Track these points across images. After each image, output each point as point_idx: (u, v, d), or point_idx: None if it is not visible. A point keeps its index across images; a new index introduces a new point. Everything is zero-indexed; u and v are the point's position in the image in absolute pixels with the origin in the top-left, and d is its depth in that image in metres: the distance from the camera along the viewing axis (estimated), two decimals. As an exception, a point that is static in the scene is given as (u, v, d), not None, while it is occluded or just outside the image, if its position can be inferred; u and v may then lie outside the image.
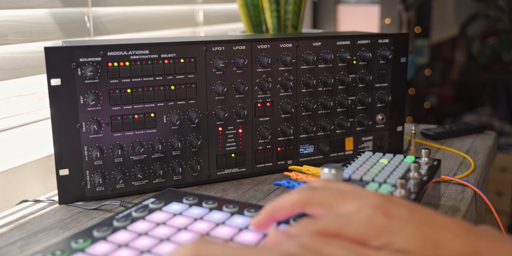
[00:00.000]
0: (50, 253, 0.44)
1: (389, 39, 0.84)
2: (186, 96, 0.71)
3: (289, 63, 0.76)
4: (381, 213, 0.40)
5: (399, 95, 0.87)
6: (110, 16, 0.95)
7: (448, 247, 0.39)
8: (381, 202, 0.42)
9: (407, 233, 0.39)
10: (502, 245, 0.41)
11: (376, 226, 0.39)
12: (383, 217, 0.40)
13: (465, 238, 0.40)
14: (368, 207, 0.40)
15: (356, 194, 0.43)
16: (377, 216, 0.40)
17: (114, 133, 0.68)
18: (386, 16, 1.84)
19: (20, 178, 0.77)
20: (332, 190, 0.43)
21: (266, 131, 0.77)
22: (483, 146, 0.94)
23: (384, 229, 0.39)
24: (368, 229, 0.39)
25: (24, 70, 0.79)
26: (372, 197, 0.42)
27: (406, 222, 0.40)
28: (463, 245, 0.40)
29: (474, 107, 3.36)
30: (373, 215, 0.40)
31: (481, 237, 0.41)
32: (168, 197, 0.56)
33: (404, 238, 0.39)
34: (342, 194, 0.43)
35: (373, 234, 0.39)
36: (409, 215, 0.41)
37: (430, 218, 0.41)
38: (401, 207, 0.41)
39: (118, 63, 0.66)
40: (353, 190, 0.43)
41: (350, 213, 0.40)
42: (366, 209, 0.40)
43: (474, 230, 0.41)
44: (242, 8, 0.96)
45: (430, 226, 0.40)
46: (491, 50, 3.17)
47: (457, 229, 0.41)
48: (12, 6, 0.76)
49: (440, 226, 0.41)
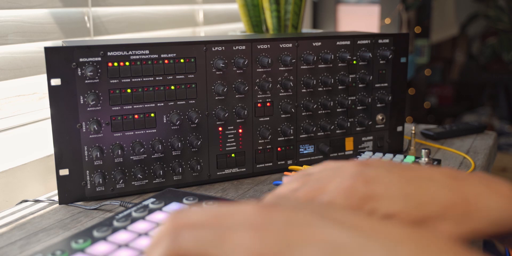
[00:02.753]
0: (50, 253, 0.44)
1: (389, 39, 0.84)
2: (186, 96, 0.71)
3: (289, 63, 0.76)
4: (360, 181, 0.39)
5: (399, 95, 0.87)
6: (110, 16, 0.95)
7: (434, 201, 0.38)
8: (358, 170, 0.41)
9: (390, 195, 0.38)
10: (494, 187, 0.40)
11: (358, 195, 0.39)
12: (363, 184, 0.39)
13: (452, 187, 0.39)
14: (346, 179, 0.40)
15: (336, 170, 0.42)
16: (356, 185, 0.39)
17: (114, 133, 0.68)
18: (386, 16, 1.84)
19: (20, 178, 0.77)
20: (316, 175, 0.43)
21: (266, 131, 0.77)
22: (483, 146, 0.94)
23: (366, 196, 0.39)
24: (352, 200, 0.39)
25: (24, 70, 0.79)
26: (349, 168, 0.41)
27: (386, 184, 0.39)
28: (450, 195, 0.39)
29: (474, 107, 3.36)
30: (352, 186, 0.39)
31: (470, 182, 0.40)
32: (168, 197, 0.56)
33: (388, 202, 0.38)
34: (325, 176, 0.42)
35: (358, 204, 0.38)
36: (389, 176, 0.40)
37: (411, 173, 0.40)
38: (379, 170, 0.41)
39: (118, 63, 0.66)
40: (332, 167, 0.43)
41: (332, 191, 0.40)
42: (345, 182, 0.40)
43: (462, 176, 0.40)
44: (242, 8, 0.96)
45: (412, 183, 0.39)
46: (491, 50, 3.17)
47: (443, 178, 0.40)
48: (12, 6, 0.76)
49: (423, 179, 0.40)
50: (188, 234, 0.31)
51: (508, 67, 3.16)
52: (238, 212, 0.32)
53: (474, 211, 0.38)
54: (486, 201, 0.39)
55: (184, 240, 0.31)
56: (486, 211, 0.38)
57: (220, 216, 0.32)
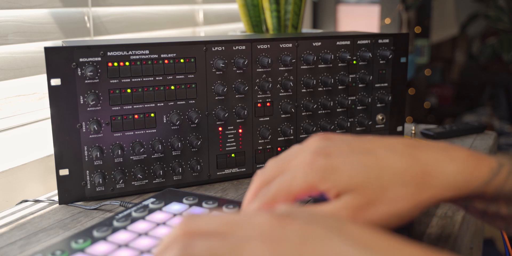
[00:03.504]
0: (50, 253, 0.44)
1: (389, 39, 0.84)
2: (186, 96, 0.71)
3: (289, 63, 0.76)
4: (321, 155, 0.40)
5: (399, 95, 0.87)
6: (110, 16, 0.95)
7: (392, 169, 0.39)
8: (319, 145, 0.41)
9: (349, 167, 0.39)
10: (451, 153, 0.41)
11: (318, 168, 0.39)
12: (323, 158, 0.40)
13: (411, 154, 0.40)
14: (307, 154, 0.41)
15: (300, 148, 0.43)
16: (317, 159, 0.40)
17: (114, 133, 0.68)
18: (386, 16, 1.84)
19: (20, 178, 0.77)
20: (283, 154, 0.44)
21: (266, 131, 0.77)
22: (483, 146, 0.94)
23: (326, 169, 0.39)
24: (313, 174, 0.39)
25: (24, 70, 0.79)
26: (311, 143, 0.42)
27: (346, 156, 0.40)
28: (409, 162, 0.40)
29: (474, 107, 3.36)
30: (313, 160, 0.40)
31: (429, 150, 0.41)
32: (168, 197, 0.56)
33: (348, 174, 0.39)
34: (290, 154, 0.43)
35: (319, 178, 0.39)
36: (349, 148, 0.41)
37: (371, 145, 0.41)
38: (339, 143, 0.41)
39: (118, 63, 0.66)
40: (298, 146, 0.43)
41: (295, 166, 0.41)
42: (306, 157, 0.40)
43: (420, 145, 0.41)
44: (242, 8, 0.96)
45: (372, 153, 0.40)
46: (491, 50, 3.17)
47: (402, 147, 0.41)
48: (12, 6, 0.76)
49: (383, 149, 0.41)
50: (201, 243, 0.30)
51: (508, 67, 3.16)
52: (252, 223, 0.31)
53: (432, 176, 0.40)
54: (443, 165, 0.40)
55: (197, 248, 0.30)
56: (444, 176, 0.40)
57: (233, 225, 0.31)
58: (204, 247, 0.30)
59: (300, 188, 0.39)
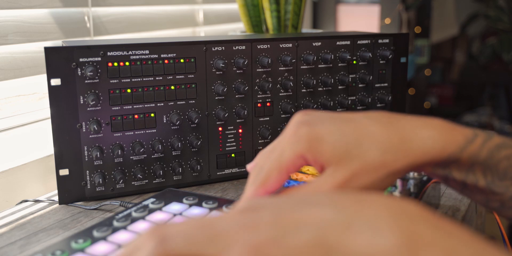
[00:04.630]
0: (50, 253, 0.44)
1: (389, 39, 0.84)
2: (186, 96, 0.71)
3: (289, 63, 0.76)
4: (304, 124, 0.42)
5: (399, 95, 0.87)
6: (110, 16, 0.95)
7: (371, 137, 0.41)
8: (300, 118, 0.43)
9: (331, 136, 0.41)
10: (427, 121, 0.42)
11: (303, 136, 0.41)
12: (306, 126, 0.42)
13: (388, 123, 0.42)
14: (291, 127, 0.43)
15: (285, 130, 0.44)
16: (300, 128, 0.42)
17: (114, 133, 0.68)
18: (386, 16, 1.84)
19: (20, 178, 0.77)
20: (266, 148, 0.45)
21: (266, 131, 0.77)
22: (483, 146, 0.94)
23: (311, 138, 0.41)
24: (300, 143, 0.41)
25: (24, 70, 0.79)
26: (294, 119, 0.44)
27: (328, 124, 0.42)
28: (388, 129, 0.41)
29: (474, 107, 3.36)
30: (297, 130, 0.42)
31: (406, 118, 0.43)
32: (168, 197, 0.56)
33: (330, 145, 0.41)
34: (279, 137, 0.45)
35: (306, 147, 0.41)
36: (330, 118, 0.43)
37: (350, 115, 0.43)
38: (320, 115, 0.43)
39: (118, 63, 0.66)
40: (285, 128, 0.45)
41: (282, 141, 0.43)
42: (291, 129, 0.42)
43: (398, 115, 0.43)
44: (242, 8, 0.96)
45: (351, 122, 0.42)
46: (491, 50, 3.17)
47: (380, 117, 0.43)
48: (12, 6, 0.76)
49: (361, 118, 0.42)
50: (177, 236, 0.30)
51: (508, 67, 3.16)
52: (222, 219, 0.31)
53: (410, 141, 0.41)
54: (420, 131, 0.42)
55: (173, 242, 0.30)
56: (421, 141, 0.41)
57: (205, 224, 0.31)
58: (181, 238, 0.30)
59: (290, 159, 0.41)
